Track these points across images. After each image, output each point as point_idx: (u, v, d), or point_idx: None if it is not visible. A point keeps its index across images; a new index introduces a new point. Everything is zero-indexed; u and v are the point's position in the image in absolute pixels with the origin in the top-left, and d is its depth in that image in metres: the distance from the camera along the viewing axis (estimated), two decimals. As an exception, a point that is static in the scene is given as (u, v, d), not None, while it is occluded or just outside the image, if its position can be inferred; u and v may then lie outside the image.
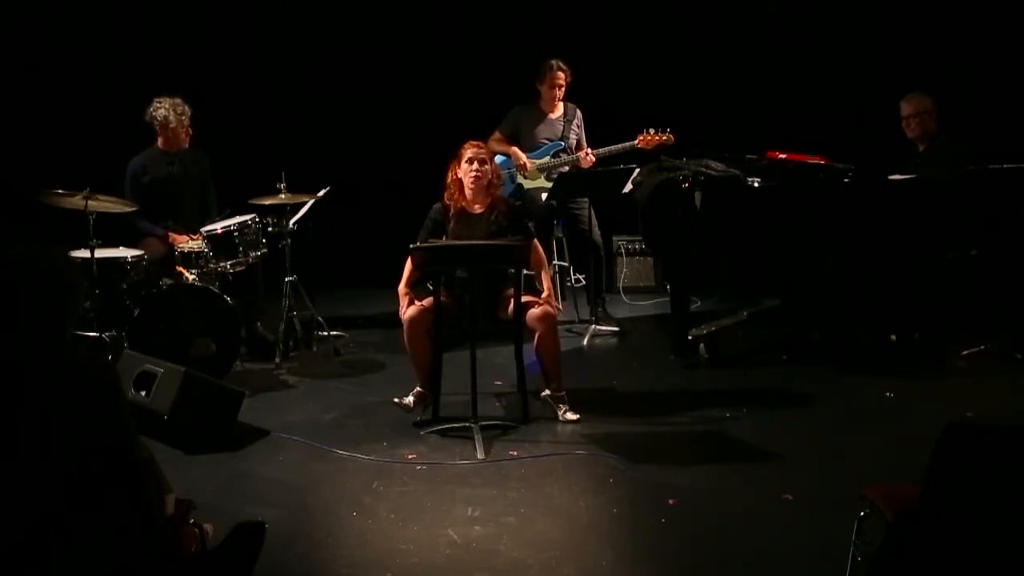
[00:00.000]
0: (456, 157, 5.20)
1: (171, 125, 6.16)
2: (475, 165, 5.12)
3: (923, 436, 2.64)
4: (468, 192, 5.17)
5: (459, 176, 5.17)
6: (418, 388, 5.05)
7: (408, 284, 5.14)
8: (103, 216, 5.49)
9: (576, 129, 7.00)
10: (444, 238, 5.14)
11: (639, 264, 8.03)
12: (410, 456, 4.60)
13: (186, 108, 6.22)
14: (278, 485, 4.30)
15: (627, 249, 7.98)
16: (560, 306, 5.52)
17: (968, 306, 5.96)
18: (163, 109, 6.16)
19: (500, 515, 3.92)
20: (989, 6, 7.75)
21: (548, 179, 6.85)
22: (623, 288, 7.84)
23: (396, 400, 5.04)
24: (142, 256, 5.76)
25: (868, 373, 5.69)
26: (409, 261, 5.09)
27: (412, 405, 5.02)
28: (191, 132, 6.32)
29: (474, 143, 5.23)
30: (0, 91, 7.52)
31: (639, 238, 7.66)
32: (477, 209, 5.21)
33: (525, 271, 5.14)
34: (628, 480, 4.26)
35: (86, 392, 2.37)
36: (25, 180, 6.44)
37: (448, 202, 5.21)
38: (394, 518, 3.92)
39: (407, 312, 5.01)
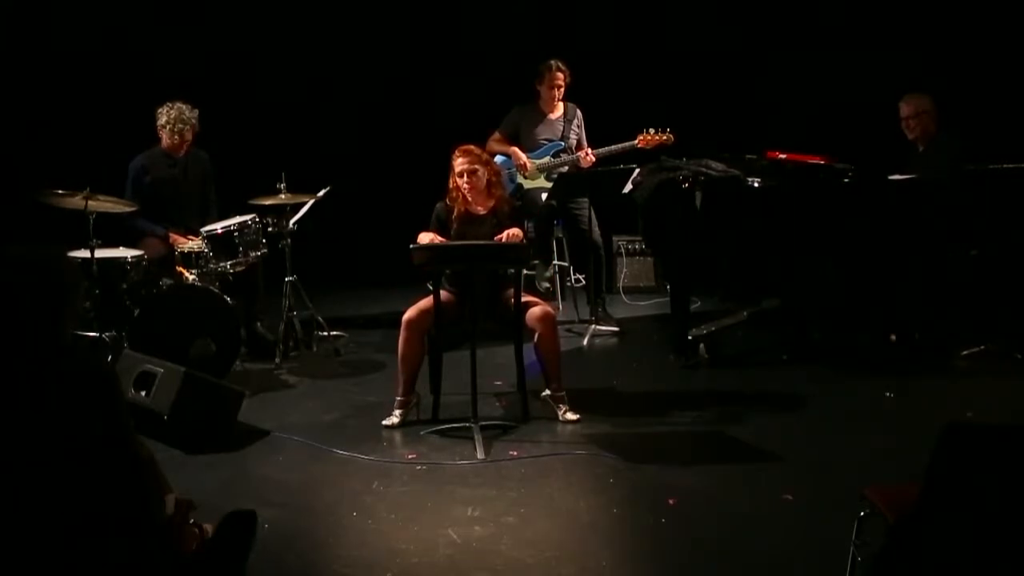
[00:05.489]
0: (451, 167, 5.20)
1: (176, 131, 6.12)
2: (465, 179, 5.13)
3: (923, 436, 2.64)
4: (468, 197, 5.17)
5: (458, 184, 5.18)
6: (399, 398, 5.02)
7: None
8: (103, 216, 5.49)
9: (576, 129, 7.00)
10: (449, 236, 5.13)
11: (639, 264, 8.02)
12: (410, 456, 4.60)
13: (193, 115, 6.17)
14: (278, 485, 4.30)
15: (627, 249, 7.97)
16: (523, 231, 5.27)
17: (968, 306, 5.96)
18: (170, 114, 6.12)
19: (500, 515, 3.92)
20: (989, 6, 7.75)
21: (548, 179, 6.86)
22: (623, 288, 7.84)
23: (384, 423, 4.98)
24: (142, 256, 5.75)
25: (868, 373, 5.69)
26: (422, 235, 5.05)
27: (401, 417, 5.00)
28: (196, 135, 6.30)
29: (462, 151, 5.19)
30: (0, 91, 7.52)
31: (639, 238, 7.66)
32: (480, 210, 5.21)
33: (525, 271, 5.13)
34: (628, 480, 4.26)
35: (86, 392, 2.37)
36: (25, 180, 6.45)
37: (451, 204, 5.21)
38: (394, 518, 3.92)
39: (406, 313, 5.00)
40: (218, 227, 5.89)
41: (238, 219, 5.97)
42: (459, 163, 5.15)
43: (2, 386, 2.34)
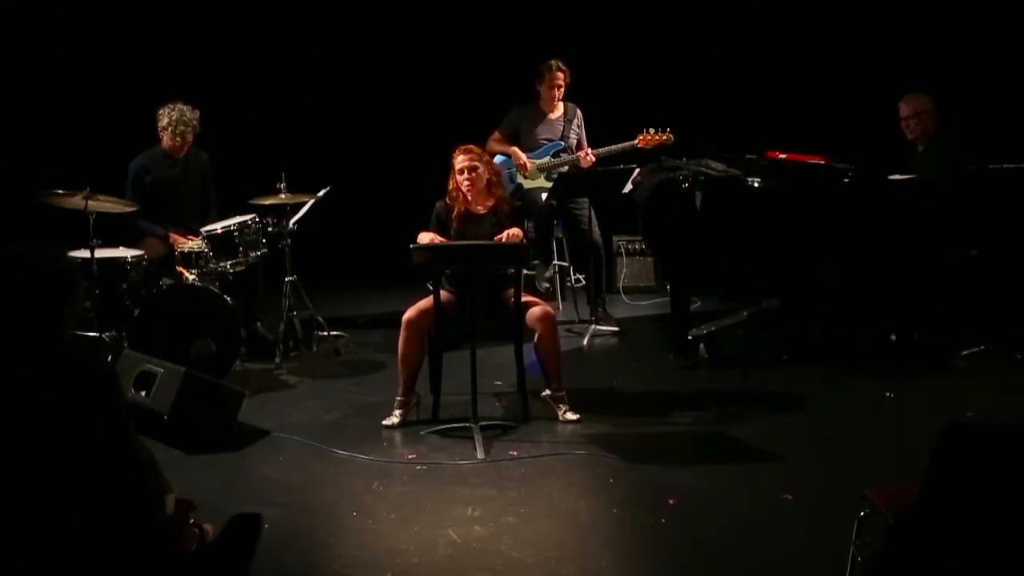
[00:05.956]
0: (451, 167, 5.20)
1: (178, 132, 6.11)
2: (465, 175, 5.13)
3: (923, 436, 2.64)
4: (468, 196, 5.17)
5: (458, 184, 5.18)
6: (399, 398, 5.01)
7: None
8: (103, 216, 5.49)
9: (576, 129, 7.00)
10: (448, 236, 5.13)
11: (639, 264, 8.02)
12: (410, 456, 4.60)
13: (194, 116, 6.15)
14: (278, 485, 4.30)
15: (627, 249, 7.97)
16: (523, 231, 5.33)
17: (968, 306, 5.95)
18: (171, 116, 6.10)
19: (500, 515, 3.92)
20: (989, 6, 7.75)
21: (548, 179, 6.86)
22: (623, 288, 7.84)
23: (384, 423, 4.98)
24: (142, 256, 5.75)
25: (868, 373, 5.69)
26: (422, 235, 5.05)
27: (401, 417, 5.00)
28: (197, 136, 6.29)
29: (462, 149, 5.20)
30: (0, 91, 7.52)
31: (639, 238, 7.65)
32: (480, 210, 5.22)
33: (525, 271, 5.12)
34: (628, 480, 4.26)
35: (86, 392, 2.37)
36: (25, 180, 6.45)
37: (451, 203, 5.21)
38: (394, 518, 3.92)
39: (406, 313, 5.00)
40: (218, 227, 5.88)
41: (238, 219, 5.97)
42: (460, 160, 5.16)
43: (2, 386, 2.34)
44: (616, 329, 6.76)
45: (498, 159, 6.61)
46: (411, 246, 4.85)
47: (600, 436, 4.80)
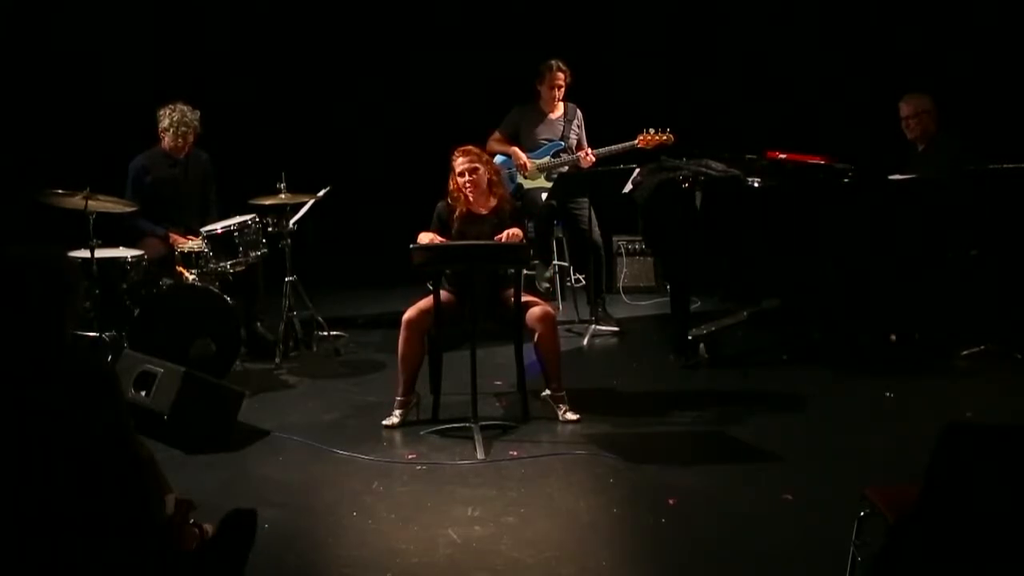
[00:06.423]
0: (451, 168, 5.20)
1: (180, 134, 6.10)
2: (466, 177, 5.13)
3: (923, 436, 2.64)
4: (470, 198, 5.17)
5: (459, 186, 5.18)
6: (399, 398, 5.01)
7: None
8: (103, 216, 5.49)
9: (576, 129, 7.01)
10: (449, 236, 5.13)
11: (639, 264, 8.02)
12: (410, 456, 4.60)
13: (195, 116, 6.14)
14: (278, 485, 4.30)
15: (627, 249, 7.97)
16: (524, 231, 5.32)
17: (968, 306, 5.95)
18: (172, 117, 6.10)
19: (500, 515, 3.92)
20: (989, 5, 7.75)
21: (548, 179, 6.86)
22: (623, 288, 7.84)
23: (384, 423, 4.98)
24: (142, 256, 5.74)
25: (868, 373, 5.69)
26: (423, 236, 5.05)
27: (401, 417, 5.00)
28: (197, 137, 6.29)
29: (460, 151, 5.20)
30: (0, 91, 7.52)
31: (639, 238, 7.65)
32: (482, 211, 5.21)
33: (525, 271, 5.12)
34: (628, 480, 4.26)
35: (86, 392, 2.37)
36: (25, 180, 6.45)
37: (453, 203, 5.21)
38: (394, 518, 3.92)
39: (406, 313, 5.01)
40: (218, 227, 5.88)
41: (238, 219, 5.97)
42: (459, 163, 5.16)
43: (2, 386, 2.34)
44: (616, 329, 6.76)
45: (498, 159, 6.61)
46: (411, 246, 4.84)
47: (600, 436, 4.80)
